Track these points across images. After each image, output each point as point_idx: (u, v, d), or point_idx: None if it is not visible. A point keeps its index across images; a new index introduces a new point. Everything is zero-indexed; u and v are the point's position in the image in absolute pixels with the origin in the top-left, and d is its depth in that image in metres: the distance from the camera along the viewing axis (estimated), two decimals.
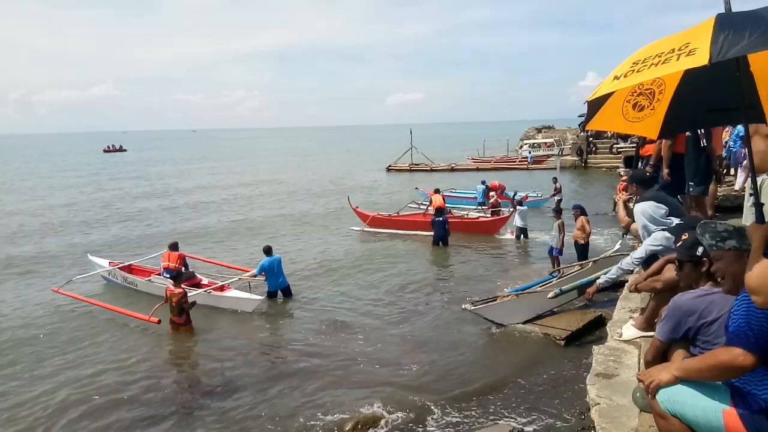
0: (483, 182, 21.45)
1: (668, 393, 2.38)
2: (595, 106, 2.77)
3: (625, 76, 2.46)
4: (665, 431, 2.39)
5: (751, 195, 4.38)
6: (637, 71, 2.40)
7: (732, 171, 10.21)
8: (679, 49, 2.24)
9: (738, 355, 2.19)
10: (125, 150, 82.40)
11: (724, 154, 9.81)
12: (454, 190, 23.34)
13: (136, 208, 24.18)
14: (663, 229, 4.28)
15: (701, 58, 2.10)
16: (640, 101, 3.04)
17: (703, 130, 5.07)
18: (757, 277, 1.77)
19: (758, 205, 2.30)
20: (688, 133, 5.31)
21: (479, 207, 19.55)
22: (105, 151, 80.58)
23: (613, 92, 2.64)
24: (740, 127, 5.41)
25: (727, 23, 2.21)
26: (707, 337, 2.52)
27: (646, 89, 2.96)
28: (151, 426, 6.19)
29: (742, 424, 2.19)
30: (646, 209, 4.46)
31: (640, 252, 4.36)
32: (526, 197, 17.06)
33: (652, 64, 2.33)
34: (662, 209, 4.49)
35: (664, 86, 2.96)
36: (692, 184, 5.18)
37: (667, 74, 2.39)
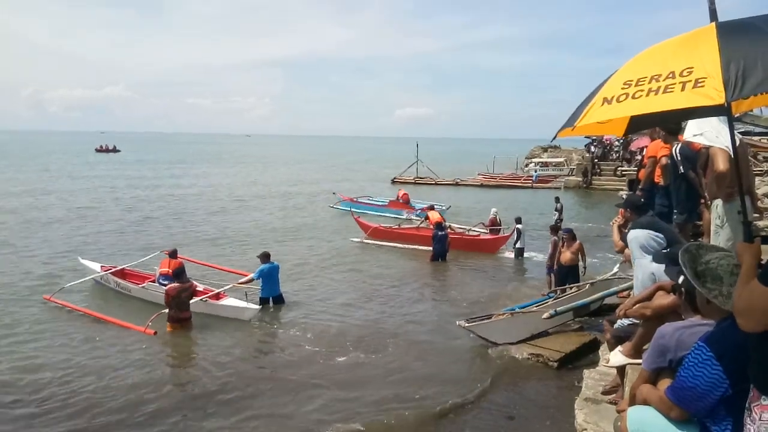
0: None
1: (638, 422, 2.34)
2: (573, 116, 2.55)
3: (617, 101, 2.16)
4: None
5: (719, 219, 4.22)
6: (632, 97, 2.09)
7: None
8: (682, 75, 1.95)
9: (671, 408, 2.21)
10: (119, 150, 78.64)
11: None
12: (369, 198, 25.43)
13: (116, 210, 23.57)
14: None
15: (714, 94, 1.79)
16: None
17: (679, 157, 5.00)
18: (746, 299, 1.71)
19: (746, 224, 2.24)
20: (666, 162, 5.27)
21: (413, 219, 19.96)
22: (97, 150, 77.59)
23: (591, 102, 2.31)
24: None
25: (731, 39, 1.92)
26: None
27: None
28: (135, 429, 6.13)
29: None
30: (638, 237, 4.20)
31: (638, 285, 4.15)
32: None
33: (650, 90, 2.04)
34: (657, 240, 4.16)
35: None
36: (676, 212, 5.15)
37: (670, 108, 2.02)
